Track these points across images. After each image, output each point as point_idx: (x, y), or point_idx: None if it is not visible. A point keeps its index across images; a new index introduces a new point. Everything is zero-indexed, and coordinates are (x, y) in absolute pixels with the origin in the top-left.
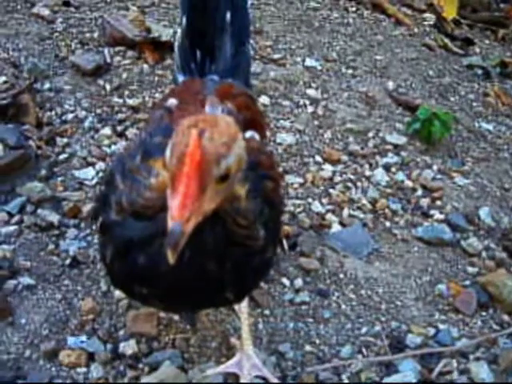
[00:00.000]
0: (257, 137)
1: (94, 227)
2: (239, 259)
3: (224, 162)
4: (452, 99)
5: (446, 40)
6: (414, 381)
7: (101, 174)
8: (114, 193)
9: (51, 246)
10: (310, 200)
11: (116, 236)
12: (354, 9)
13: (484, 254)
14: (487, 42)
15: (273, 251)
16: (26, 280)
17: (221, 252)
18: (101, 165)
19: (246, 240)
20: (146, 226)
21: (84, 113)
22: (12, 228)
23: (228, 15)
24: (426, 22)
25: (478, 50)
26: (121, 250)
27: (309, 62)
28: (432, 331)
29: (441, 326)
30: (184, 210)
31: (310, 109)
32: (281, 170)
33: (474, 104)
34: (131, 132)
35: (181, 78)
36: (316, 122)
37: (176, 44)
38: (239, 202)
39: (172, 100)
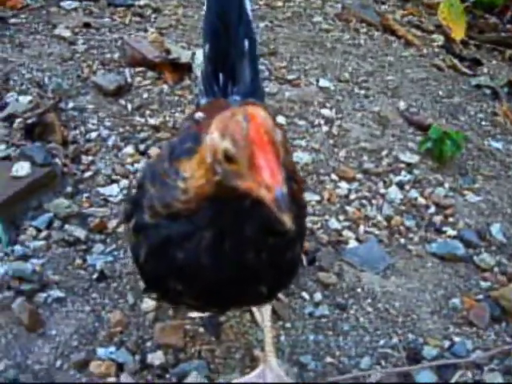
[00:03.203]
0: None
1: (125, 228)
2: (274, 249)
3: (276, 130)
4: (462, 118)
5: (455, 60)
6: None
7: (125, 191)
8: (145, 197)
9: (78, 261)
10: (327, 217)
11: (151, 236)
12: (364, 30)
13: (496, 269)
14: (495, 62)
15: (299, 249)
16: (56, 293)
17: (258, 240)
18: (124, 182)
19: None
20: (183, 223)
21: (107, 132)
22: (40, 243)
23: (246, 43)
24: (434, 43)
25: (485, 70)
26: (157, 248)
27: (322, 82)
28: (447, 343)
29: (456, 339)
30: (276, 176)
31: (325, 128)
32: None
33: (483, 123)
34: (153, 151)
35: (204, 101)
36: (331, 141)
37: (199, 69)
38: None
39: (199, 113)
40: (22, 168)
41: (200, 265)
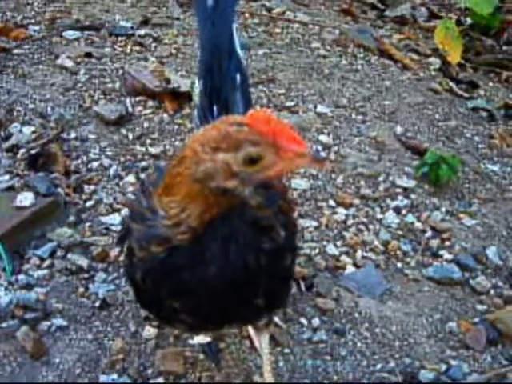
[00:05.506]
0: None
1: (120, 249)
2: (269, 255)
3: None
4: (458, 142)
5: (451, 83)
6: None
7: None
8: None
9: (81, 289)
10: (324, 243)
11: (147, 261)
12: (361, 55)
13: (492, 292)
14: (491, 84)
15: (291, 261)
16: (59, 321)
17: (255, 240)
18: (126, 211)
19: (269, 221)
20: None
21: (108, 161)
22: (44, 272)
23: (238, 77)
24: (431, 67)
25: (482, 92)
26: (155, 271)
27: (320, 108)
28: (444, 367)
29: (452, 362)
30: (302, 142)
31: (323, 154)
32: (296, 214)
33: (480, 146)
34: None
35: None
36: (328, 167)
37: (195, 104)
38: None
39: None
40: (26, 198)
41: (206, 277)
